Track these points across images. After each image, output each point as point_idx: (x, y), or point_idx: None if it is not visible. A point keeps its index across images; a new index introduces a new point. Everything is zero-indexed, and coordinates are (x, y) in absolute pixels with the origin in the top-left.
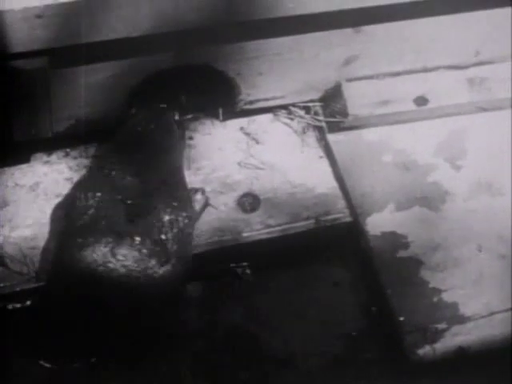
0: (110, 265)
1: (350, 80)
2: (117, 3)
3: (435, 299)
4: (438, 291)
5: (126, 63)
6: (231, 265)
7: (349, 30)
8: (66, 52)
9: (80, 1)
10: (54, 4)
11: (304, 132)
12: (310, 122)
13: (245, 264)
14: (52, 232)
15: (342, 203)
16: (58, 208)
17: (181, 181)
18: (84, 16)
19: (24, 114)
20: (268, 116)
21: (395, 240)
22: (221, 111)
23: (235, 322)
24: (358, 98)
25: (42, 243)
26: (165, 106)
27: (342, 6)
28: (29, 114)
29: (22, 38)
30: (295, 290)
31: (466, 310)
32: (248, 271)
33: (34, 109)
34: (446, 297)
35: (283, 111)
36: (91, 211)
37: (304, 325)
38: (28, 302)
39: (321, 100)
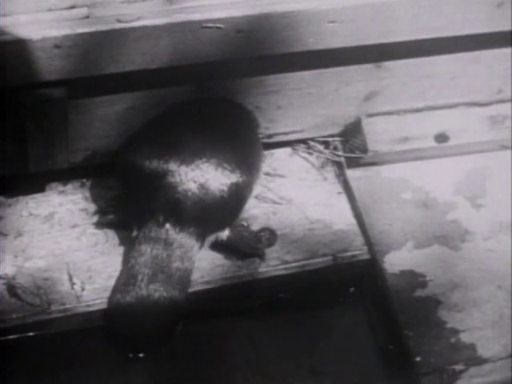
0: None
1: (370, 116)
2: (136, 35)
3: (453, 340)
4: (455, 332)
5: (144, 95)
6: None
7: (369, 66)
8: (84, 83)
9: (99, 32)
10: (72, 34)
11: (323, 167)
12: (329, 157)
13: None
14: None
15: (359, 240)
16: None
17: None
18: (102, 47)
19: (40, 144)
20: (286, 150)
21: (413, 279)
22: None
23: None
24: (378, 134)
25: (55, 274)
26: None
27: (363, 41)
28: (45, 144)
29: (39, 68)
30: (309, 328)
31: (484, 351)
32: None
33: (50, 139)
34: (464, 338)
35: (302, 145)
36: None
37: (318, 363)
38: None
39: (340, 135)
